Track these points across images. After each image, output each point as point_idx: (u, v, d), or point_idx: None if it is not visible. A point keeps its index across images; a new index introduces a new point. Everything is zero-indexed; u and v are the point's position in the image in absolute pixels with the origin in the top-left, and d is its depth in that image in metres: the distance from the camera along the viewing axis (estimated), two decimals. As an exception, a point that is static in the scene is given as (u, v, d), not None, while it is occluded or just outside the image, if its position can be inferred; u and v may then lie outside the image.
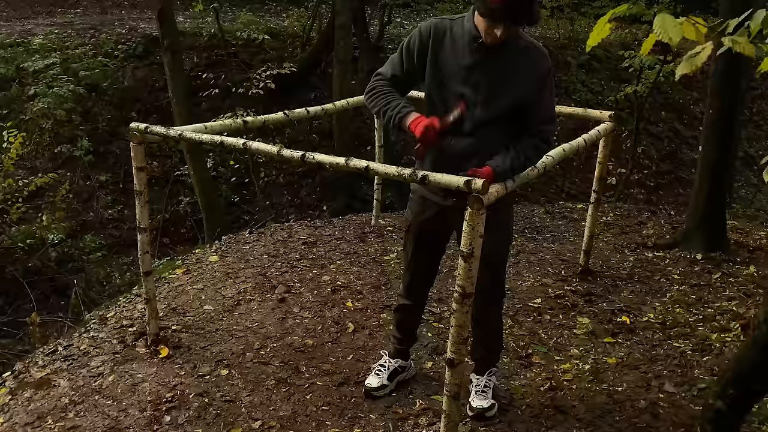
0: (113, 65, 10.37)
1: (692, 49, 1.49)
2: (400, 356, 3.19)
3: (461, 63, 2.51)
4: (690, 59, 1.39)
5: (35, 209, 8.71)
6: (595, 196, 4.28)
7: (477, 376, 3.04)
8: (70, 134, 9.46)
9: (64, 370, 3.35)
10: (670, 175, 11.59)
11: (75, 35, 11.10)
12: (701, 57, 1.37)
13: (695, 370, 3.38)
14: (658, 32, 1.40)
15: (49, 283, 7.84)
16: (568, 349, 3.61)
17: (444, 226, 2.80)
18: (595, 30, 1.72)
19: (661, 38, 1.40)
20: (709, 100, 5.01)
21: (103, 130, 9.74)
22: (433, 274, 3.04)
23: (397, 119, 2.54)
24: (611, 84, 12.38)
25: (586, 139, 3.48)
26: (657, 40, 1.51)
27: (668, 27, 1.38)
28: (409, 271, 2.99)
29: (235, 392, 3.15)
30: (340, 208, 9.16)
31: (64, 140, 9.40)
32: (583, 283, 4.40)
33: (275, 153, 2.62)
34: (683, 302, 4.16)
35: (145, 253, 3.33)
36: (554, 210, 6.14)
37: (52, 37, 10.67)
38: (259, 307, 3.98)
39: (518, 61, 2.49)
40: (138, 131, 3.05)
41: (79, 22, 12.13)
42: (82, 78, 9.81)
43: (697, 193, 5.09)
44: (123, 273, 7.99)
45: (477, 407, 2.93)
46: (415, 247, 2.90)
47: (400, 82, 2.67)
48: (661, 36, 1.39)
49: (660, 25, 1.39)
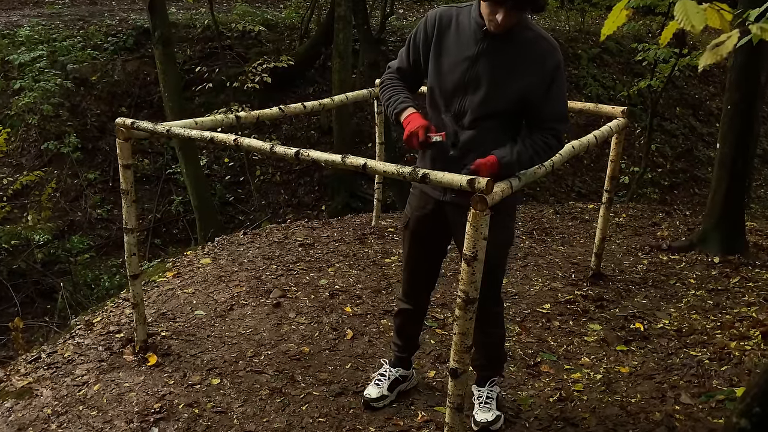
0: (103, 58, 10.37)
1: (709, 41, 1.45)
2: (401, 365, 3.14)
3: (465, 53, 2.47)
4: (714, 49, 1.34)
5: (20, 208, 8.71)
6: (606, 195, 4.24)
7: (478, 388, 3.00)
8: (58, 130, 9.45)
9: (47, 379, 3.32)
10: (686, 173, 11.54)
11: (63, 27, 11.09)
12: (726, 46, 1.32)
13: (713, 381, 3.34)
14: (679, 19, 1.36)
15: (35, 285, 7.82)
16: (578, 357, 3.57)
17: (444, 224, 2.75)
18: (611, 17, 1.68)
19: (683, 26, 1.36)
20: (727, 95, 4.96)
21: (92, 125, 9.73)
22: (433, 276, 2.99)
23: (394, 114, 2.55)
24: (624, 78, 12.34)
25: (597, 136, 3.44)
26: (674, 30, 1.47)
27: (690, 14, 1.34)
28: (407, 270, 2.94)
29: (227, 403, 3.12)
30: (340, 208, 9.14)
31: (51, 136, 9.39)
32: (595, 288, 4.36)
33: (268, 150, 2.59)
34: (700, 308, 4.11)
35: (132, 255, 3.29)
36: (564, 210, 6.10)
37: (38, 28, 10.67)
38: (252, 313, 3.95)
39: (525, 52, 2.44)
40: (124, 127, 3.01)
41: (68, 13, 12.13)
42: (70, 71, 9.82)
43: (714, 193, 5.05)
44: (112, 275, 7.97)
45: (481, 421, 2.88)
46: (414, 245, 2.85)
47: (407, 75, 2.67)
48: (683, 24, 1.35)
49: (681, 11, 1.35)
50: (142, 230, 9.05)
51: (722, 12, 1.42)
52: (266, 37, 11.33)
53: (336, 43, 9.26)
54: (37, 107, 9.12)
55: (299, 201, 9.81)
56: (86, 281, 7.90)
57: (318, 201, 9.80)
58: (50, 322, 6.75)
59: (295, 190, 9.95)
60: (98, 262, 8.43)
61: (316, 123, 10.63)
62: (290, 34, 11.75)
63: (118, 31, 10.98)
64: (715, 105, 12.51)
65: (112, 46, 10.60)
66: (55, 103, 9.30)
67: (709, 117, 12.47)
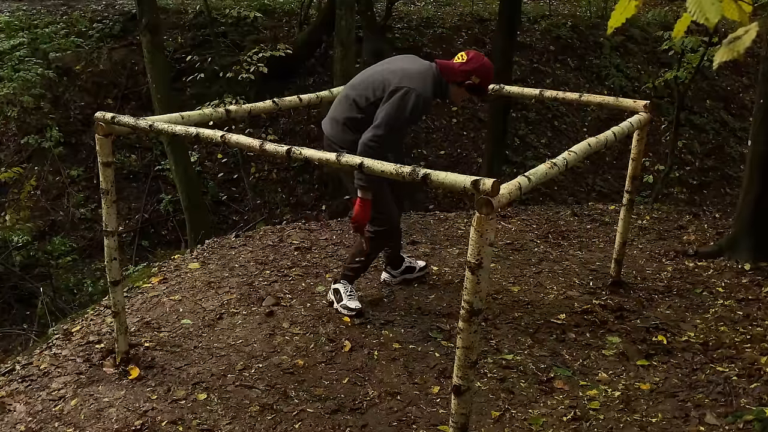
0: (87, 46, 10.40)
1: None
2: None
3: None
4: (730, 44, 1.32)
5: (-2, 207, 8.73)
6: (627, 196, 4.22)
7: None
8: (39, 123, 9.48)
9: (21, 393, 3.32)
10: (716, 172, 11.49)
11: (45, 12, 11.14)
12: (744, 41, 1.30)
13: (741, 399, 3.31)
14: (692, 11, 1.33)
15: (13, 290, 7.85)
16: (595, 372, 3.54)
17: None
18: (618, 8, 1.65)
19: (696, 19, 1.33)
20: (760, 87, 4.93)
21: (76, 118, 9.76)
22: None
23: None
24: (649, 68, 12.30)
25: (617, 132, 3.42)
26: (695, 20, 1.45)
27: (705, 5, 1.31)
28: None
29: (213, 420, 3.11)
30: (342, 209, 9.13)
31: (32, 130, 9.42)
32: (614, 297, 4.34)
33: (257, 147, 2.58)
34: (728, 319, 4.08)
35: (113, 260, 3.30)
36: (582, 212, 6.08)
37: (19, 14, 10.72)
38: (243, 322, 3.94)
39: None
40: (103, 121, 3.01)
41: (50, -2, 12.17)
42: (52, 60, 9.85)
43: (746, 194, 5.02)
44: (96, 280, 8.00)
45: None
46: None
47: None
48: (696, 16, 1.33)
49: (695, 2, 1.32)
50: (128, 231, 9.08)
51: (741, 3, 1.39)
52: (263, 23, 11.34)
53: (338, 31, 9.25)
54: (16, 99, 9.15)
55: (297, 200, 9.82)
56: (68, 286, 7.93)
57: (318, 200, 9.80)
58: (29, 330, 6.77)
59: (294, 188, 9.95)
60: (81, 265, 8.46)
61: (317, 117, 10.62)
62: (288, 21, 11.75)
63: (105, 17, 11.02)
64: (748, 98, 12.45)
65: (97, 33, 10.63)
66: (36, 95, 9.33)
67: (742, 110, 12.41)
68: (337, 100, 3.86)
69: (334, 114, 3.78)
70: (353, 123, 3.64)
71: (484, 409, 3.21)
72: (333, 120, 3.77)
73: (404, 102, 3.45)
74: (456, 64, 3.60)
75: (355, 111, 3.64)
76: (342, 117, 3.70)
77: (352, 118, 3.65)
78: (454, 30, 12.37)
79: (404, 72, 3.56)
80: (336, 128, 3.73)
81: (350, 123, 3.66)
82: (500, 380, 3.43)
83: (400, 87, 3.47)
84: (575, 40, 12.63)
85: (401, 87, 3.47)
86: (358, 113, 3.63)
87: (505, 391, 3.35)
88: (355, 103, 3.65)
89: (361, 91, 3.64)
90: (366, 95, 3.61)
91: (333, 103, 3.88)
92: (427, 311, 4.09)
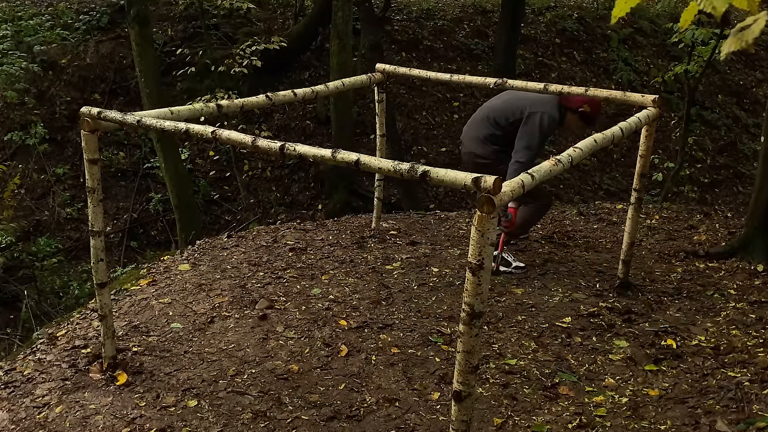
0: (74, 39, 10.39)
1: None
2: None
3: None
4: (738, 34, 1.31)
5: (-20, 207, 8.72)
6: (635, 195, 4.22)
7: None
8: (23, 119, 9.48)
9: (4, 399, 3.32)
10: (728, 169, 11.50)
11: (29, 3, 11.13)
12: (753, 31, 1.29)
13: (754, 405, 3.31)
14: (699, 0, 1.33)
15: (-5, 294, 7.85)
16: (601, 378, 3.55)
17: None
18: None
19: (703, 7, 1.33)
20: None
21: (61, 114, 9.76)
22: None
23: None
24: (658, 62, 12.31)
25: (624, 128, 3.42)
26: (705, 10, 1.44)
27: (711, -7, 1.31)
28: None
29: (204, 427, 3.11)
30: (338, 208, 9.14)
31: (16, 126, 9.42)
32: (622, 299, 4.34)
33: (249, 143, 2.58)
34: (740, 322, 4.09)
35: (100, 261, 3.30)
36: (589, 211, 6.08)
37: (2, 5, 10.70)
38: (235, 326, 3.95)
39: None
40: (89, 117, 3.01)
41: (35, -12, 12.15)
42: (37, 54, 9.84)
43: (759, 192, 5.02)
44: (82, 282, 8.00)
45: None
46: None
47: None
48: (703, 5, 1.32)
49: (702, -9, 1.33)
50: (116, 232, 9.08)
51: (750, -10, 1.39)
52: (256, 15, 11.35)
53: (334, 23, 9.26)
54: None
55: (293, 199, 9.82)
56: (53, 288, 7.93)
57: (314, 199, 9.81)
58: (12, 335, 6.77)
59: (288, 187, 9.95)
60: (67, 267, 8.46)
61: (313, 112, 10.63)
62: (283, 12, 11.77)
63: (91, 8, 11.02)
64: (762, 92, 12.48)
65: (84, 26, 10.63)
66: (20, 89, 9.33)
67: (755, 106, 12.43)
68: (474, 121, 4.83)
69: (475, 133, 4.74)
70: (493, 138, 4.65)
71: (486, 416, 3.21)
72: (475, 138, 4.73)
73: (541, 123, 4.47)
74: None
75: (496, 129, 4.64)
76: (483, 134, 4.69)
77: (493, 135, 4.65)
78: (456, 22, 12.38)
79: (536, 98, 4.53)
80: (478, 144, 4.71)
81: (491, 138, 4.66)
82: (503, 386, 3.43)
83: (534, 111, 4.49)
84: (582, 32, 12.64)
85: (535, 111, 4.49)
86: (498, 131, 4.63)
87: (508, 398, 3.35)
88: (495, 123, 4.65)
89: (500, 114, 4.66)
90: (506, 116, 4.62)
91: (468, 125, 4.85)
92: (427, 314, 4.10)
